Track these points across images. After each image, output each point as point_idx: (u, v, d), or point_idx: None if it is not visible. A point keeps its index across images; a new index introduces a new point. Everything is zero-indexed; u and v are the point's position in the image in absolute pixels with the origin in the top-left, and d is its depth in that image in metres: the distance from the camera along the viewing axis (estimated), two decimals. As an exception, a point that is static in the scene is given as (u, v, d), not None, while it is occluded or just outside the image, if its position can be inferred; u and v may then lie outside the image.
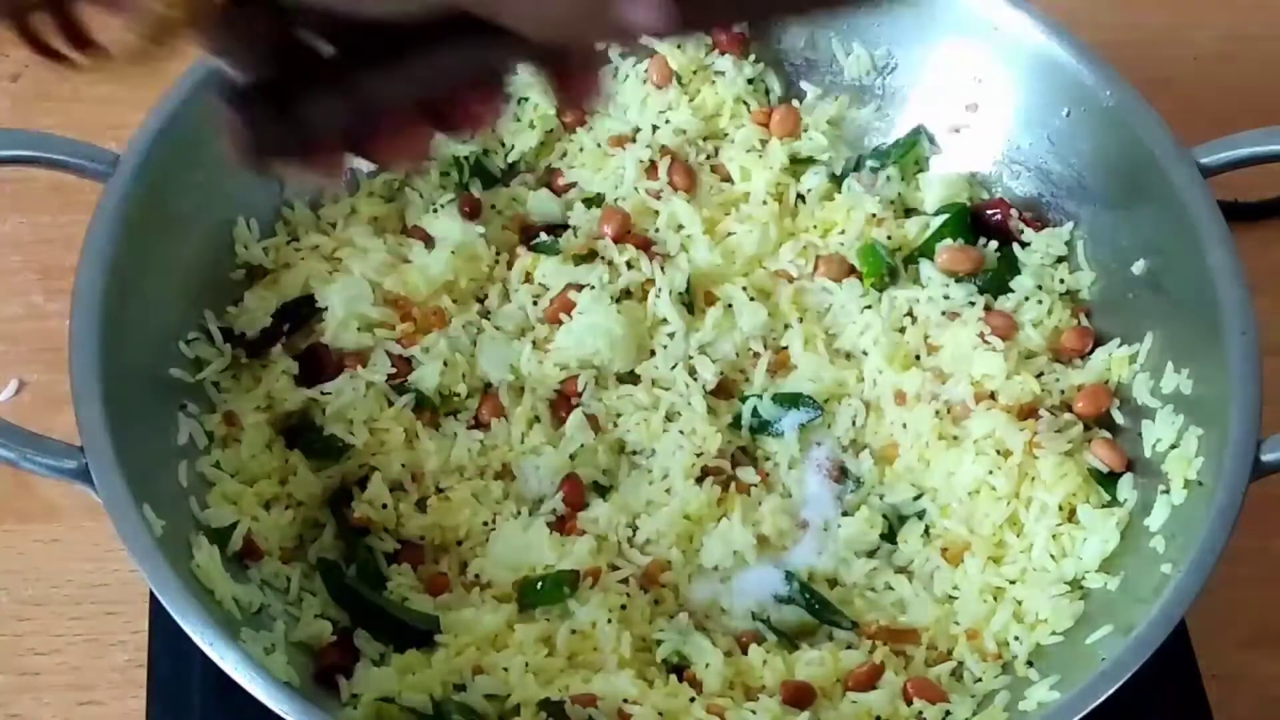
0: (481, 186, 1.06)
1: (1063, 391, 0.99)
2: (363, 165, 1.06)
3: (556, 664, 0.87)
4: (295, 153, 0.60)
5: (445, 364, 0.97)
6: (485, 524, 0.94)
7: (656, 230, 1.04)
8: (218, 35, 0.56)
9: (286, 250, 1.02)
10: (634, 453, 0.98)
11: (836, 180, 1.07)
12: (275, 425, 0.96)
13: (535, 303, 1.01)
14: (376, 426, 0.95)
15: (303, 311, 0.99)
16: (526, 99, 1.08)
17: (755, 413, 0.98)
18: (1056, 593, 0.91)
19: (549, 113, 1.08)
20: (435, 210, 1.04)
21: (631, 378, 0.99)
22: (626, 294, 1.00)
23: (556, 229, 1.04)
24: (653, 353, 1.00)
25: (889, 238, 1.04)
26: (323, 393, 0.96)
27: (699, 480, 0.95)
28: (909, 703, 0.88)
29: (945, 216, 1.04)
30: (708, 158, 1.08)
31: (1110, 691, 0.80)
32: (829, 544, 0.95)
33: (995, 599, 0.92)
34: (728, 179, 1.08)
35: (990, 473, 0.94)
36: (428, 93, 0.60)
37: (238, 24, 0.57)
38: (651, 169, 1.05)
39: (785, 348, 1.01)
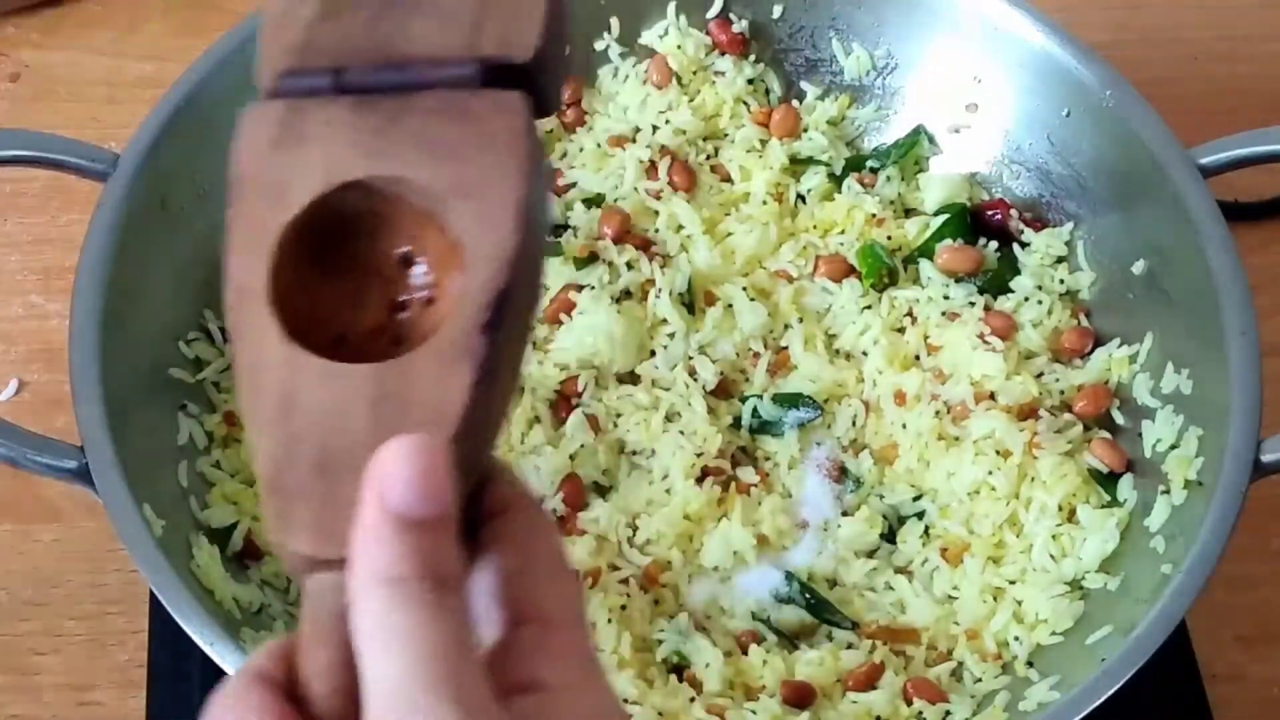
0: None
1: (1062, 392, 0.99)
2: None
3: (556, 664, 0.87)
4: None
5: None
6: (485, 524, 0.94)
7: (656, 230, 1.04)
8: None
9: (286, 250, 1.02)
10: (634, 453, 0.98)
11: (836, 180, 1.07)
12: (275, 425, 0.96)
13: (535, 303, 1.01)
14: (376, 426, 0.95)
15: (303, 311, 0.99)
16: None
17: (755, 413, 0.98)
18: (1056, 593, 0.91)
19: (548, 113, 1.08)
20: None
21: (631, 378, 0.99)
22: (626, 294, 1.00)
23: (556, 229, 1.04)
24: (653, 353, 1.00)
25: (889, 238, 1.04)
26: (323, 393, 0.96)
27: (699, 480, 0.95)
28: (909, 703, 0.88)
29: (945, 216, 1.04)
30: (708, 158, 1.08)
31: (1110, 691, 0.80)
32: (829, 544, 0.95)
33: (995, 599, 0.92)
34: (728, 179, 1.08)
35: (990, 473, 0.94)
36: None
37: None
38: (651, 169, 1.05)
39: (785, 348, 1.01)
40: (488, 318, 0.48)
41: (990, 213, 1.05)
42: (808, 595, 0.92)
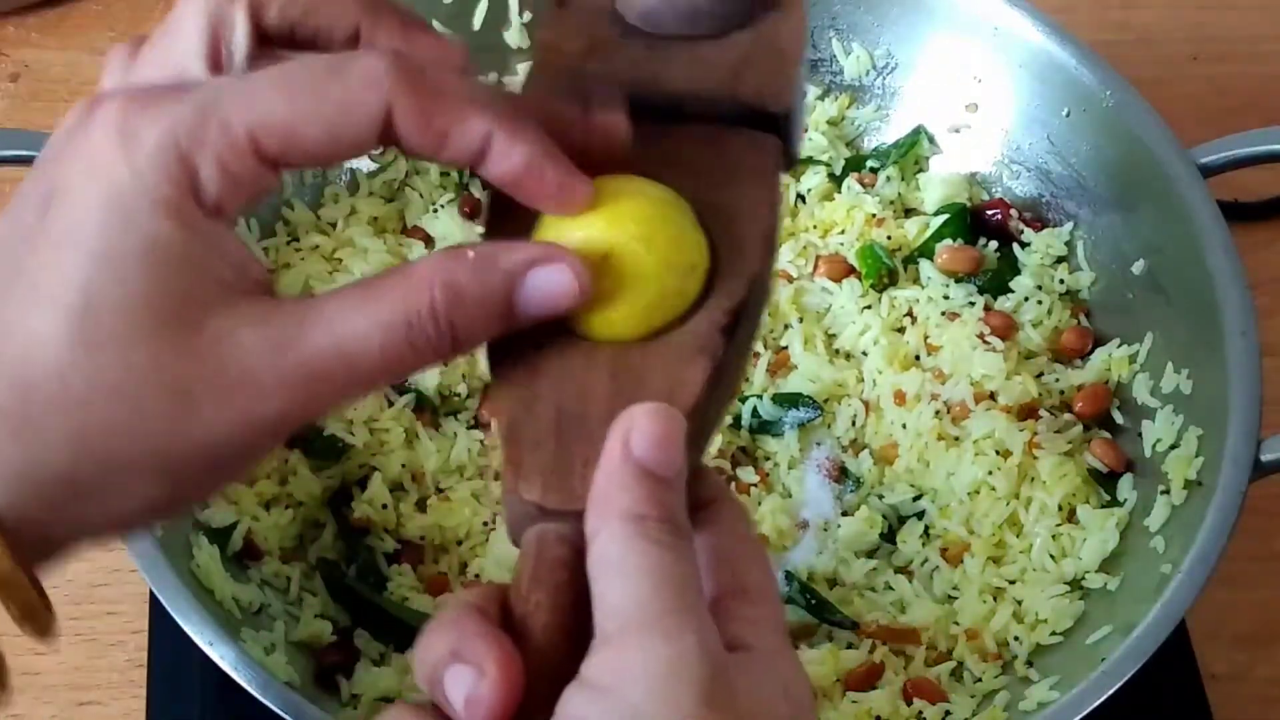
0: (481, 186, 1.06)
1: (1062, 391, 0.99)
2: (362, 165, 1.06)
3: (556, 664, 0.87)
4: None
5: (445, 364, 0.97)
6: (485, 524, 0.94)
7: (656, 230, 1.04)
8: None
9: (286, 250, 1.02)
10: (634, 453, 0.97)
11: (836, 180, 1.07)
12: (275, 425, 0.96)
13: (535, 303, 1.01)
14: (376, 426, 0.95)
15: (303, 311, 0.99)
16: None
17: (755, 413, 0.98)
18: (1056, 593, 0.91)
19: (549, 113, 1.08)
20: (435, 210, 1.04)
21: (632, 378, 0.99)
22: (627, 294, 1.00)
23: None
24: (653, 353, 0.99)
25: (889, 238, 1.04)
26: (323, 393, 0.96)
27: (699, 480, 0.95)
28: (909, 702, 0.88)
29: (945, 216, 1.04)
30: (708, 158, 1.08)
31: (1110, 691, 0.80)
32: (829, 544, 0.95)
33: (995, 599, 0.92)
34: (728, 179, 1.07)
35: (990, 473, 0.94)
36: None
37: None
38: (651, 169, 1.05)
39: (785, 348, 1.01)
40: (727, 322, 0.52)
41: (990, 213, 1.05)
42: (808, 595, 0.92)
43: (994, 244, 1.04)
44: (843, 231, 1.04)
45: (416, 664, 0.50)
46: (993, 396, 0.97)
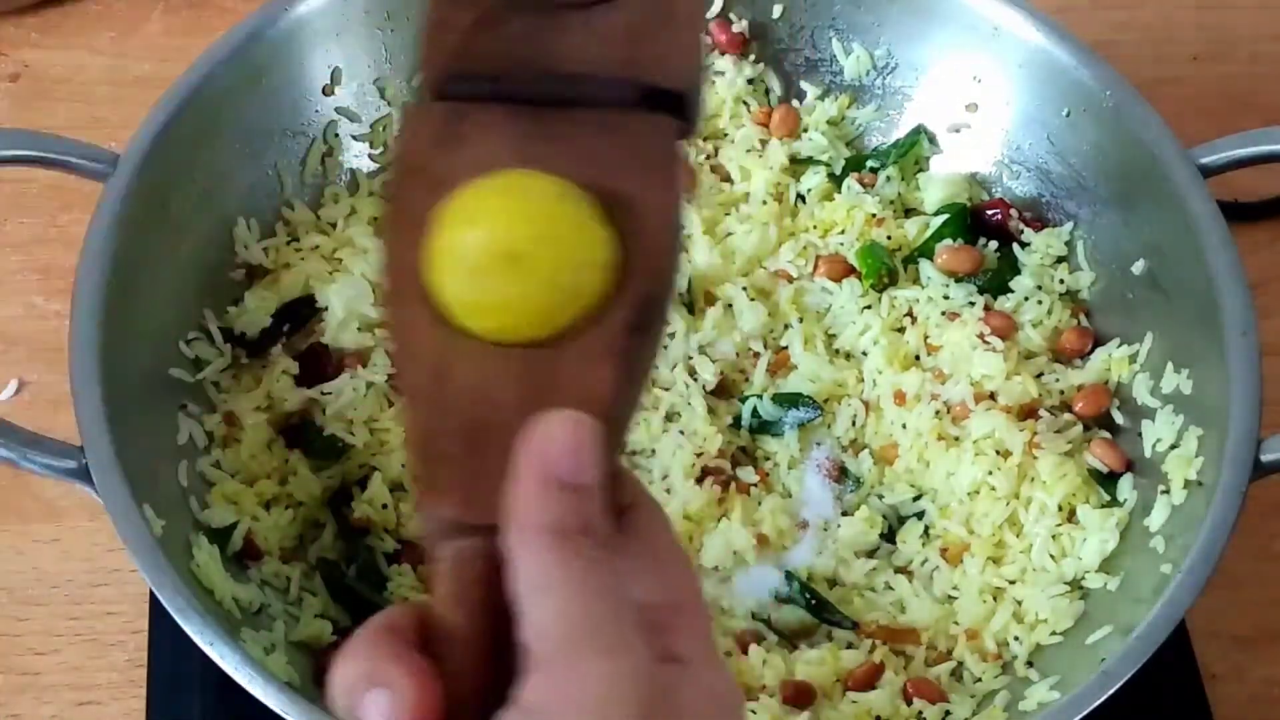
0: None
1: (1062, 392, 0.99)
2: (362, 165, 1.06)
3: (556, 664, 0.87)
4: None
5: None
6: (485, 524, 0.94)
7: (656, 230, 1.04)
8: None
9: (286, 250, 1.02)
10: (634, 453, 0.98)
11: (836, 180, 1.07)
12: (275, 425, 0.96)
13: (535, 303, 1.01)
14: (376, 426, 0.95)
15: (303, 311, 0.99)
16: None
17: (755, 413, 0.98)
18: (1056, 593, 0.91)
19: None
20: (435, 210, 1.04)
21: (631, 378, 0.99)
22: (626, 294, 1.00)
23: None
24: (653, 353, 0.99)
25: (889, 238, 1.04)
26: (323, 393, 0.96)
27: (699, 480, 0.95)
28: (909, 702, 0.88)
29: (945, 216, 1.04)
30: (707, 158, 1.08)
31: (1110, 691, 0.80)
32: (829, 544, 0.95)
33: (995, 599, 0.92)
34: (728, 179, 1.08)
35: (990, 473, 0.94)
36: None
37: None
38: (651, 169, 1.05)
39: (785, 348, 1.01)
40: (635, 319, 0.50)
41: (990, 213, 1.05)
42: (808, 595, 0.92)
43: (994, 244, 1.04)
44: (843, 231, 1.04)
45: (331, 691, 0.48)
46: (993, 396, 0.97)
